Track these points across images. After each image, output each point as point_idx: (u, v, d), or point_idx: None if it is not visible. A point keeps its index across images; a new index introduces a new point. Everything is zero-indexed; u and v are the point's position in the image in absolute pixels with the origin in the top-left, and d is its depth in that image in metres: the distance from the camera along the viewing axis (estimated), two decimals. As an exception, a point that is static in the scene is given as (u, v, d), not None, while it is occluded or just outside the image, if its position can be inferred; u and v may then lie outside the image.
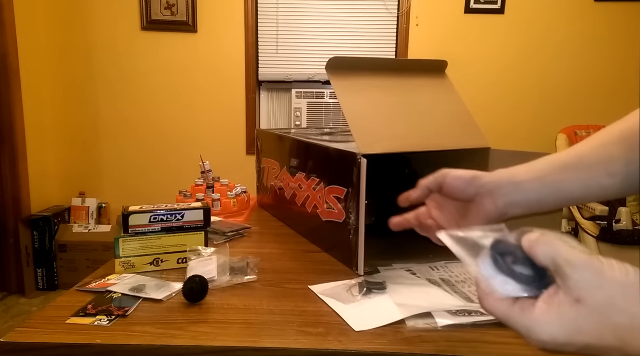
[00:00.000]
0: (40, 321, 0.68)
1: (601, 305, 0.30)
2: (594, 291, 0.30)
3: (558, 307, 0.31)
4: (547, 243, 0.33)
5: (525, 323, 0.32)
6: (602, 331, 0.30)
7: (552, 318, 0.31)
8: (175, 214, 0.90)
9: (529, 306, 0.33)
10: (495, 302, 0.34)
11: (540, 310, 0.32)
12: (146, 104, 3.00)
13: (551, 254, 0.32)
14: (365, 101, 0.92)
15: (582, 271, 0.31)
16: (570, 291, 0.31)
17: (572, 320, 0.31)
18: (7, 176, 2.66)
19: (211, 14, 2.91)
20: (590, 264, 0.31)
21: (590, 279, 0.31)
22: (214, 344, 0.63)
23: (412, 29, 2.92)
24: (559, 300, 0.31)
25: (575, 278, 0.31)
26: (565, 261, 0.32)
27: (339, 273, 0.86)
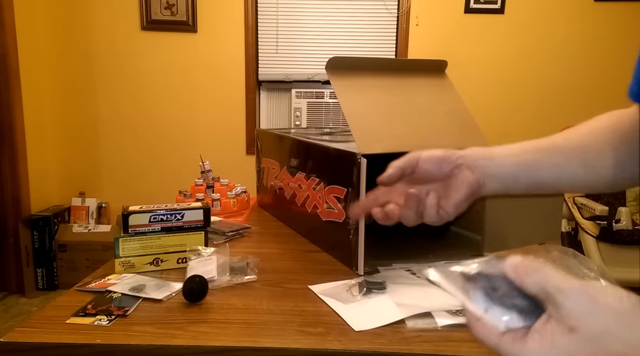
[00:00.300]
0: (40, 321, 0.68)
1: (596, 334, 0.29)
2: (589, 320, 0.30)
3: (552, 337, 0.30)
4: (534, 270, 0.32)
5: (517, 354, 0.32)
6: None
7: (546, 348, 0.31)
8: (175, 214, 0.90)
9: (520, 336, 0.32)
10: (485, 331, 0.34)
11: (533, 341, 0.31)
12: (146, 104, 3.00)
13: (540, 283, 0.31)
14: (365, 101, 0.92)
15: (575, 299, 0.30)
16: (564, 320, 0.30)
17: (566, 349, 0.30)
18: (7, 176, 2.66)
19: (211, 14, 2.90)
20: (583, 292, 0.30)
21: (584, 307, 0.30)
22: (214, 344, 0.63)
23: (412, 29, 2.92)
24: (552, 329, 0.31)
25: (568, 306, 0.30)
26: (557, 289, 0.31)
27: (339, 273, 0.86)
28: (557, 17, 2.89)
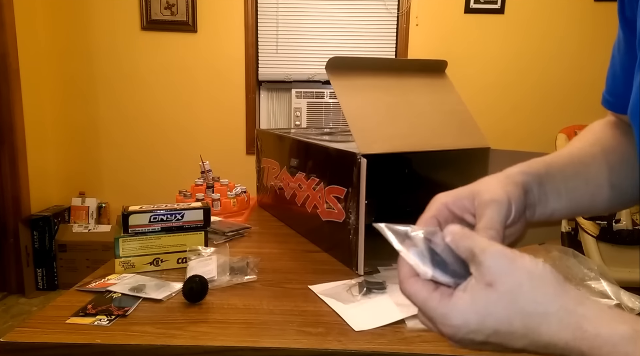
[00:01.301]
0: (40, 321, 0.68)
1: (510, 290, 0.32)
2: (504, 277, 0.32)
3: (471, 292, 0.33)
4: (467, 236, 0.34)
5: (442, 310, 0.33)
6: (509, 316, 0.32)
7: (466, 302, 0.32)
8: (175, 214, 0.90)
9: (447, 294, 0.34)
10: (416, 286, 0.35)
11: (456, 297, 0.33)
12: (146, 104, 3.00)
13: (469, 245, 0.34)
14: (365, 101, 0.92)
15: (494, 258, 0.32)
16: (483, 277, 0.32)
17: (484, 303, 0.32)
18: (7, 176, 2.66)
19: (211, 14, 2.90)
20: (502, 253, 0.33)
21: (501, 265, 0.32)
22: (214, 344, 0.63)
23: (412, 29, 2.92)
24: (472, 286, 0.33)
25: (487, 264, 0.32)
26: (480, 249, 0.33)
27: (339, 273, 0.86)
28: (557, 17, 2.89)
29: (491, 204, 0.40)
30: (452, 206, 0.42)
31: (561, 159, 0.51)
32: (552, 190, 0.47)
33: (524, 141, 2.97)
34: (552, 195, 0.47)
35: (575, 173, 0.50)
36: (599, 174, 0.52)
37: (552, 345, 0.31)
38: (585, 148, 0.54)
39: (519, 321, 0.31)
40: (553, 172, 0.48)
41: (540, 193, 0.46)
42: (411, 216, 0.43)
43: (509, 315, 0.32)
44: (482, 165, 0.98)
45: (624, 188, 0.52)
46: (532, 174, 0.46)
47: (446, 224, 0.41)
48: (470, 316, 0.32)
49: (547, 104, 2.97)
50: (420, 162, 1.15)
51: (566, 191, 0.49)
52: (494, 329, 0.32)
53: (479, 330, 0.32)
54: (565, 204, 0.49)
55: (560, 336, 0.31)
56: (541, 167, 0.48)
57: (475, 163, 0.99)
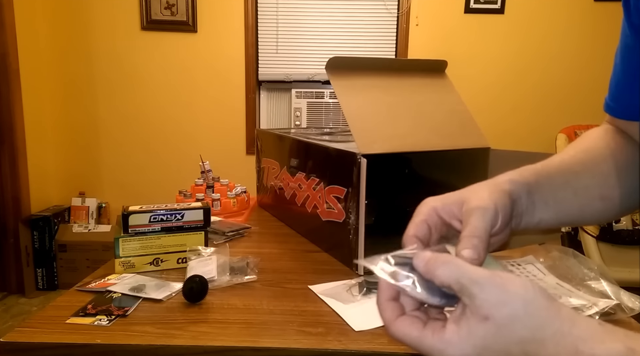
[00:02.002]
0: (40, 321, 0.68)
1: (507, 321, 0.32)
2: (500, 309, 0.32)
3: (467, 327, 0.32)
4: (445, 263, 0.34)
5: (438, 346, 0.33)
6: (508, 345, 0.32)
7: (463, 337, 0.32)
8: (175, 214, 0.90)
9: (439, 328, 0.34)
10: (405, 328, 0.35)
11: (451, 331, 0.33)
12: (146, 104, 3.00)
13: (455, 276, 0.33)
14: (365, 101, 0.92)
15: (487, 289, 0.32)
16: (478, 310, 0.32)
17: (482, 338, 0.32)
18: (7, 176, 2.66)
19: (211, 14, 2.90)
20: (493, 282, 0.32)
21: (495, 297, 0.32)
22: (214, 344, 0.63)
23: (412, 29, 2.92)
24: (467, 320, 0.33)
25: (482, 297, 0.32)
26: (470, 280, 0.33)
27: (339, 273, 0.86)
28: (557, 17, 2.89)
29: (477, 212, 0.40)
30: (441, 211, 0.42)
31: (552, 167, 0.50)
32: (540, 200, 0.47)
33: (524, 141, 2.97)
34: (540, 205, 0.47)
35: (565, 183, 0.50)
36: (589, 185, 0.51)
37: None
38: (577, 156, 0.53)
39: (517, 349, 0.32)
40: (542, 181, 0.48)
41: (528, 202, 0.46)
42: (411, 216, 0.43)
43: (507, 344, 0.32)
44: (482, 165, 0.98)
45: (614, 200, 0.52)
46: (521, 183, 0.46)
47: (435, 229, 0.42)
48: (467, 350, 0.32)
49: (547, 104, 2.97)
50: (420, 162, 1.15)
51: (554, 202, 0.48)
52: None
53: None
54: (553, 214, 0.48)
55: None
56: (531, 176, 0.47)
57: (475, 163, 0.99)
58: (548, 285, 0.75)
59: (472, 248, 0.37)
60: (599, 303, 0.67)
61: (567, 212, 0.50)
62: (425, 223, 0.41)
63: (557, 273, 0.78)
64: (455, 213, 0.41)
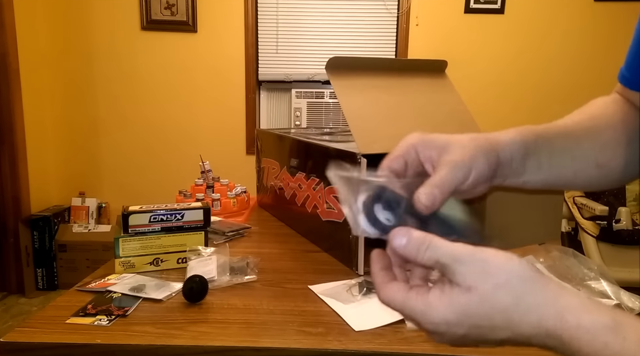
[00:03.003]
0: (40, 321, 0.68)
1: (490, 291, 0.32)
2: (482, 280, 0.32)
3: (450, 295, 0.33)
4: (426, 247, 0.34)
5: (420, 307, 0.34)
6: (491, 314, 0.32)
7: (444, 303, 0.33)
8: (175, 214, 0.90)
9: (424, 291, 0.34)
10: (391, 292, 0.36)
11: (434, 296, 0.33)
12: (146, 104, 3.00)
13: (434, 257, 0.34)
14: (365, 101, 0.92)
15: (469, 264, 0.33)
16: (461, 283, 0.33)
17: (464, 305, 0.32)
18: (7, 176, 2.66)
19: (211, 14, 2.90)
20: (475, 257, 0.33)
21: (477, 269, 0.32)
22: (214, 344, 0.63)
23: (412, 29, 2.92)
24: (451, 289, 0.33)
25: (463, 272, 0.33)
26: (451, 258, 0.33)
27: (339, 273, 0.86)
28: (557, 17, 2.89)
29: (449, 165, 0.40)
30: (420, 152, 0.42)
31: (554, 131, 0.50)
32: (533, 164, 0.47)
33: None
34: (532, 168, 0.47)
35: (564, 148, 0.50)
36: (589, 151, 0.51)
37: (533, 336, 0.32)
38: (582, 123, 0.53)
39: (500, 317, 0.32)
40: (541, 145, 0.48)
41: (519, 165, 0.46)
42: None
43: (490, 313, 0.32)
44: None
45: (611, 169, 0.52)
46: (519, 144, 0.46)
47: (411, 166, 0.42)
48: (449, 315, 0.33)
49: (547, 104, 2.97)
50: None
51: (549, 166, 0.48)
52: (475, 323, 0.33)
53: (459, 324, 0.33)
54: (543, 177, 0.48)
55: (542, 326, 0.31)
56: (531, 138, 0.47)
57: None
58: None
59: (429, 195, 0.38)
60: (599, 303, 0.67)
61: (560, 176, 0.50)
62: (402, 158, 0.42)
63: (557, 273, 0.78)
64: (433, 158, 0.42)
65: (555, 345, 0.32)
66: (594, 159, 0.51)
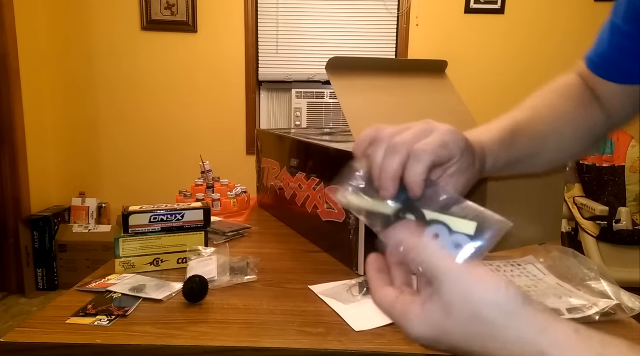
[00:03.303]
0: (40, 321, 0.68)
1: (467, 318, 0.32)
2: (463, 305, 0.32)
3: (429, 312, 0.33)
4: (417, 253, 0.34)
5: (401, 320, 0.35)
6: (467, 339, 0.32)
7: (422, 320, 0.33)
8: (175, 214, 0.90)
9: (408, 303, 0.35)
10: (381, 298, 0.37)
11: (414, 312, 0.34)
12: (146, 104, 3.00)
13: (424, 264, 0.34)
14: (365, 101, 0.92)
15: (453, 283, 0.32)
16: (442, 298, 0.33)
17: (441, 325, 0.33)
18: (7, 176, 2.66)
19: (211, 14, 2.90)
20: (461, 278, 0.32)
21: (462, 292, 0.32)
22: (214, 344, 0.63)
23: (412, 29, 2.92)
24: (432, 304, 0.33)
25: (447, 289, 0.32)
26: (443, 270, 0.33)
27: (339, 273, 0.86)
28: (557, 17, 2.89)
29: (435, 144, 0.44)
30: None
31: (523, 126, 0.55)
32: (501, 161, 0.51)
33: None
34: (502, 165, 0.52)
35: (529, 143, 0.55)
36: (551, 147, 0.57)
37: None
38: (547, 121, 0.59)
39: (477, 345, 0.32)
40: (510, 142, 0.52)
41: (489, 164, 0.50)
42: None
43: (466, 337, 0.32)
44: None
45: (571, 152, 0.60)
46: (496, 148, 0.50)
47: None
48: (427, 332, 0.33)
49: None
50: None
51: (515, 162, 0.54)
52: (452, 345, 0.33)
53: (437, 341, 0.33)
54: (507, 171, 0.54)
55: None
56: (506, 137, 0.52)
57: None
58: (548, 285, 0.75)
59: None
60: (599, 303, 0.67)
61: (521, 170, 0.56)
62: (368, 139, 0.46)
63: (557, 273, 0.78)
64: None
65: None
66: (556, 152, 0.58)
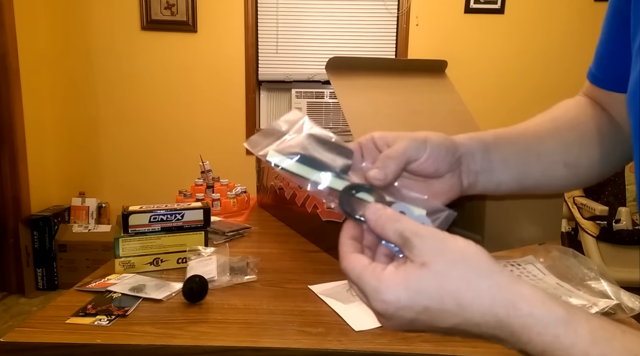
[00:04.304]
0: (40, 321, 0.68)
1: (443, 269, 0.31)
2: (437, 257, 0.32)
3: (405, 271, 0.32)
4: (395, 220, 0.34)
5: (374, 284, 0.33)
6: (442, 294, 0.31)
7: (399, 279, 0.32)
8: (175, 214, 0.90)
9: (380, 269, 0.33)
10: (353, 262, 0.35)
11: (389, 272, 0.33)
12: (146, 104, 3.00)
13: (400, 229, 0.34)
14: (365, 101, 0.92)
15: (427, 240, 0.33)
16: (416, 258, 0.32)
17: (416, 281, 0.32)
18: (7, 176, 2.66)
19: (211, 14, 2.90)
20: (434, 235, 0.33)
21: (434, 247, 0.32)
22: (214, 344, 0.63)
23: (412, 29, 2.92)
24: (406, 267, 0.33)
25: (420, 246, 0.32)
26: (413, 233, 0.33)
27: (339, 273, 0.86)
28: (557, 17, 2.89)
29: (404, 139, 0.41)
30: (377, 140, 0.43)
31: (514, 132, 0.51)
32: (498, 159, 0.47)
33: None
34: (499, 164, 0.47)
35: (527, 147, 0.50)
36: (553, 150, 0.51)
37: (484, 323, 0.31)
38: (543, 124, 0.53)
39: (451, 299, 0.31)
40: (502, 142, 0.48)
41: (484, 160, 0.46)
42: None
43: (441, 293, 0.31)
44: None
45: (580, 168, 0.52)
46: (476, 139, 0.46)
47: (368, 154, 0.43)
48: (401, 292, 0.32)
49: (547, 104, 2.93)
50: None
51: (516, 163, 0.48)
52: (425, 306, 0.32)
53: (409, 306, 0.32)
54: (514, 176, 0.48)
55: (493, 313, 0.30)
56: (489, 136, 0.48)
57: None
58: (548, 285, 0.75)
59: (381, 168, 0.38)
60: (599, 303, 0.67)
61: (530, 175, 0.49)
62: (358, 145, 0.43)
63: (557, 273, 0.78)
64: (389, 142, 0.42)
65: (505, 337, 0.31)
66: (561, 158, 0.51)
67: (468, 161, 0.45)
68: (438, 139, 0.42)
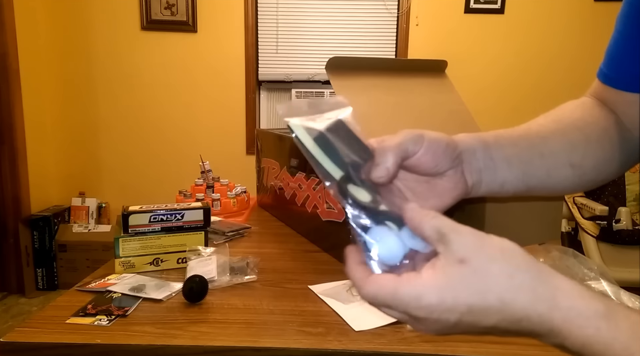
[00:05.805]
0: (40, 321, 0.68)
1: (483, 265, 0.31)
2: (476, 253, 0.31)
3: (443, 269, 0.32)
4: (432, 215, 0.34)
5: (415, 291, 0.31)
6: (484, 291, 0.31)
7: (439, 278, 0.31)
8: (175, 214, 0.90)
9: (414, 276, 0.32)
10: (380, 282, 0.33)
11: (428, 275, 0.32)
12: (146, 104, 3.00)
13: (437, 225, 0.33)
14: (366, 101, 0.92)
15: (464, 236, 0.32)
16: (454, 254, 0.32)
17: (458, 278, 0.31)
18: (7, 176, 2.66)
19: (211, 14, 2.90)
20: (471, 231, 0.33)
21: (472, 242, 0.32)
22: (214, 344, 0.63)
23: (412, 29, 2.92)
24: (443, 264, 0.32)
25: (459, 241, 0.32)
26: (451, 229, 0.33)
27: (339, 273, 0.86)
28: (557, 17, 2.89)
29: (400, 134, 0.41)
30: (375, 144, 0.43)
31: (515, 133, 0.50)
32: (500, 157, 0.46)
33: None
34: (501, 163, 0.46)
35: (530, 146, 0.49)
36: (558, 150, 0.50)
37: (525, 318, 0.30)
38: (547, 125, 0.52)
39: (493, 295, 0.31)
40: (503, 142, 0.47)
41: (485, 157, 0.45)
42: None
43: (483, 289, 0.31)
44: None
45: (585, 169, 0.51)
46: (476, 138, 0.45)
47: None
48: (445, 292, 0.31)
49: (547, 104, 2.93)
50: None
51: (519, 162, 0.47)
52: (469, 305, 0.31)
53: (453, 307, 0.31)
54: (518, 175, 0.47)
55: (535, 308, 0.30)
56: (489, 136, 0.47)
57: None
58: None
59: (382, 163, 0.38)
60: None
61: (534, 175, 0.48)
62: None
63: (557, 273, 0.78)
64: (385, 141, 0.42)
65: (545, 332, 0.31)
66: (566, 158, 0.50)
67: (469, 158, 0.44)
68: (436, 134, 0.42)
